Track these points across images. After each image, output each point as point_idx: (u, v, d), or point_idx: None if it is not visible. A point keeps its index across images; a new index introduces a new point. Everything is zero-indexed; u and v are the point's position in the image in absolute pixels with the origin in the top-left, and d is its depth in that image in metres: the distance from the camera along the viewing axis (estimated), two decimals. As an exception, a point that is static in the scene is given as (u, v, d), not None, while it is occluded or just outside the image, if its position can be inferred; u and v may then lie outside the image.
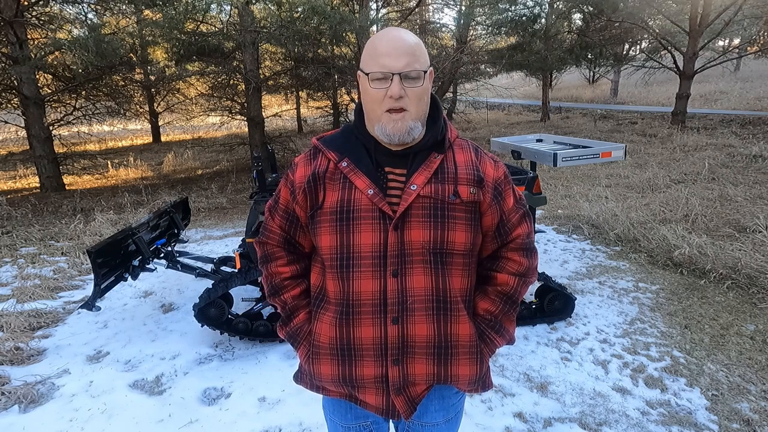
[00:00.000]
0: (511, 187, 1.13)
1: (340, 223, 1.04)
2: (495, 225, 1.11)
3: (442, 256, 1.04)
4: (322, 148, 1.10)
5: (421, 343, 1.06)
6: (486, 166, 1.10)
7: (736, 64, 24.03)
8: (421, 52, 1.01)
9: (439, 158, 1.06)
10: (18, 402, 2.40)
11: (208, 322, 2.83)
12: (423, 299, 1.05)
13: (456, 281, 1.07)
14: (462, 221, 1.04)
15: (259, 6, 8.61)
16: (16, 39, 7.13)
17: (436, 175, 1.04)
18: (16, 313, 3.33)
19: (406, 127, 1.00)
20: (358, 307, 1.05)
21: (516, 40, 15.24)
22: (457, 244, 1.04)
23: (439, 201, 1.03)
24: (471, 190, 1.05)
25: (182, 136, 17.43)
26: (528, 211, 1.16)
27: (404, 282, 1.03)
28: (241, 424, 2.22)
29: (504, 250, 1.14)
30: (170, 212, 3.48)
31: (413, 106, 1.00)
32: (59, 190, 8.12)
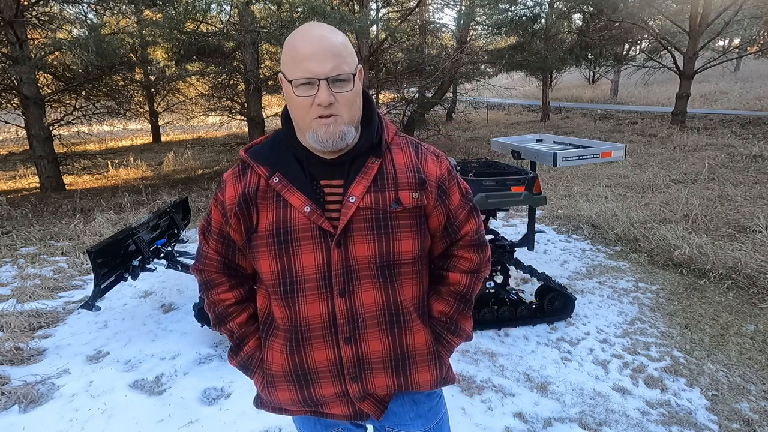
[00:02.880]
0: (455, 182, 1.07)
1: (279, 246, 0.96)
2: (442, 225, 1.06)
3: (390, 269, 0.99)
4: (251, 163, 1.01)
5: (377, 359, 1.02)
6: (428, 165, 1.03)
7: (736, 64, 24.04)
8: (348, 51, 0.93)
9: (377, 163, 0.98)
10: (18, 402, 2.40)
11: (208, 322, 2.83)
12: (374, 315, 1.00)
13: (407, 291, 1.03)
14: (407, 229, 0.99)
15: (259, 6, 8.62)
16: (16, 39, 7.12)
17: (375, 182, 0.97)
18: (16, 313, 3.33)
19: (339, 131, 0.92)
20: (308, 332, 0.99)
21: (516, 40, 15.25)
22: (404, 254, 0.99)
23: (380, 211, 0.96)
24: (413, 195, 0.98)
25: (182, 136, 17.43)
26: (475, 205, 1.11)
27: (353, 300, 0.98)
28: (241, 424, 2.22)
29: (454, 248, 1.10)
30: (170, 212, 3.48)
31: (345, 111, 0.92)
32: (59, 190, 8.12)
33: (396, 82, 10.09)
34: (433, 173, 1.03)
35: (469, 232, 1.09)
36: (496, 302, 3.13)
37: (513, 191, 3.04)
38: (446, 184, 1.04)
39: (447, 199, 1.05)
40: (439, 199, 1.03)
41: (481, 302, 3.10)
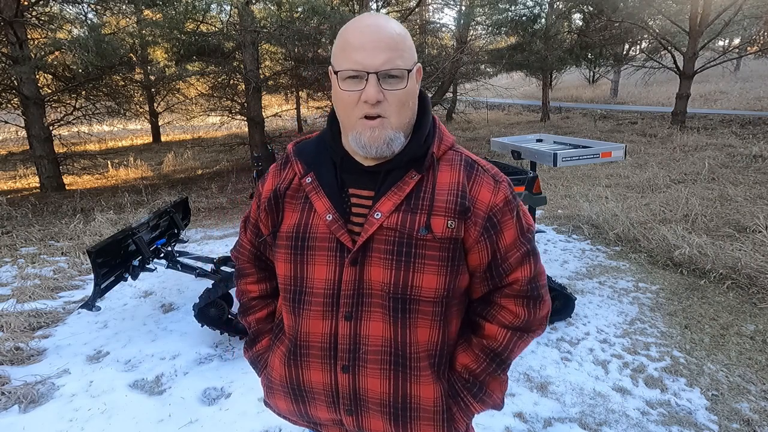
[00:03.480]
0: (514, 216, 0.89)
1: (295, 251, 0.89)
2: (485, 264, 0.90)
3: (405, 303, 0.85)
4: (292, 158, 0.95)
5: (374, 399, 0.90)
6: (479, 190, 0.87)
7: (736, 64, 24.04)
8: (406, 45, 0.82)
9: (416, 179, 0.86)
10: (18, 402, 2.40)
11: (208, 322, 2.83)
12: (378, 350, 0.88)
13: (421, 334, 0.88)
14: (434, 262, 0.85)
15: (259, 6, 8.62)
16: (16, 39, 7.12)
17: (408, 200, 0.85)
18: (16, 313, 3.33)
19: (385, 137, 0.82)
20: (306, 348, 0.92)
21: (516, 40, 15.25)
22: (424, 290, 0.85)
23: (405, 235, 0.84)
24: (448, 224, 0.84)
25: (182, 136, 17.43)
26: (534, 248, 0.92)
27: (358, 327, 0.88)
28: (241, 424, 2.22)
29: (497, 295, 0.93)
30: (170, 212, 3.48)
31: (394, 113, 0.82)
32: (59, 190, 8.12)
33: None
34: (484, 201, 0.87)
35: (520, 280, 0.90)
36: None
37: (513, 191, 3.04)
38: (499, 217, 0.88)
39: (497, 235, 0.88)
40: (485, 234, 0.87)
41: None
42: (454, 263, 0.86)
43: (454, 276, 0.87)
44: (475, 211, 0.87)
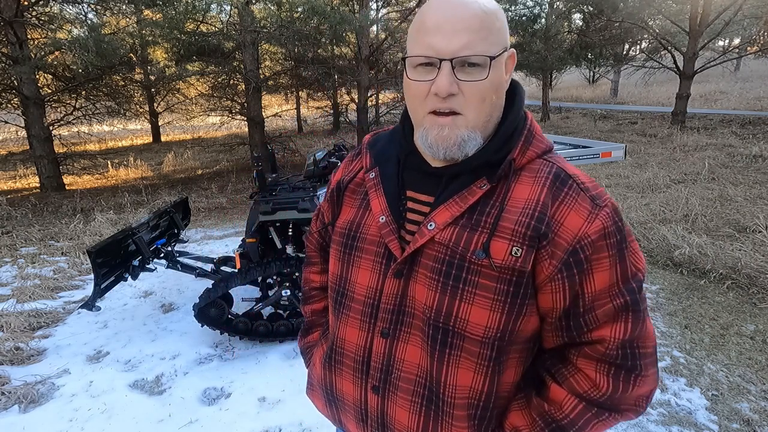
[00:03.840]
0: (612, 254, 0.69)
1: (345, 249, 0.82)
2: (560, 311, 0.71)
3: (446, 335, 0.72)
4: (364, 149, 0.87)
5: (400, 430, 0.80)
6: (568, 213, 0.68)
7: (736, 64, 24.04)
8: (494, 26, 0.67)
9: (484, 189, 0.71)
10: (18, 402, 2.40)
11: (208, 322, 2.83)
12: (411, 380, 0.76)
13: (463, 376, 0.73)
14: (486, 293, 0.69)
15: (259, 6, 8.62)
16: (16, 39, 7.12)
17: (470, 214, 0.71)
18: (16, 313, 3.33)
19: (456, 138, 0.69)
20: (341, 356, 0.84)
21: (516, 40, 15.24)
22: (471, 325, 0.70)
23: (457, 255, 0.70)
24: (513, 250, 0.68)
25: (182, 136, 17.43)
26: (638, 301, 0.70)
27: (394, 348, 0.77)
28: (241, 424, 2.22)
29: (574, 351, 0.72)
30: (170, 212, 3.48)
31: (471, 109, 0.68)
32: (59, 190, 8.12)
33: (396, 82, 10.08)
34: (570, 228, 0.68)
35: (607, 341, 0.69)
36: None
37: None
38: (589, 252, 0.68)
39: (582, 276, 0.69)
40: (564, 271, 0.68)
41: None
42: (515, 300, 0.69)
43: (513, 316, 0.70)
44: (554, 240, 0.68)
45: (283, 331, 2.92)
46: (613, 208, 0.71)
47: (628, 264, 0.70)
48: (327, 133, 14.81)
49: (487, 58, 0.66)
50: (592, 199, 0.70)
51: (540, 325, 0.74)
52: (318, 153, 3.23)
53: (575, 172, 0.73)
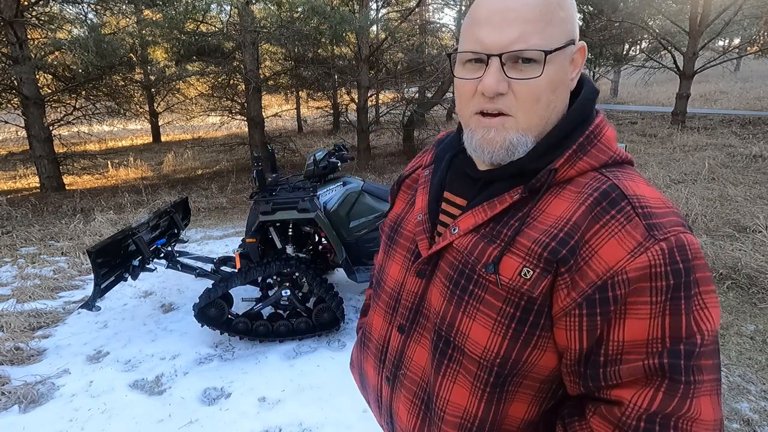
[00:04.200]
0: (658, 301, 0.55)
1: (388, 241, 0.83)
2: (576, 353, 0.60)
3: (447, 346, 0.68)
4: (431, 147, 0.86)
5: (400, 427, 0.78)
6: (606, 241, 0.57)
7: (736, 64, 24.04)
8: (554, 16, 0.59)
9: (515, 199, 0.64)
10: (18, 402, 2.40)
11: (208, 322, 2.83)
12: (415, 381, 0.74)
13: (457, 393, 0.68)
14: (489, 312, 0.63)
15: (259, 6, 8.62)
16: (16, 39, 7.12)
17: (495, 223, 0.65)
18: (16, 313, 3.33)
19: (504, 140, 0.63)
20: (368, 340, 0.85)
21: (516, 40, 15.23)
22: (469, 342, 0.65)
23: (469, 265, 0.66)
24: (523, 271, 0.60)
25: (182, 136, 17.42)
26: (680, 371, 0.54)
27: (406, 346, 0.75)
28: (241, 424, 2.22)
29: (591, 407, 0.61)
30: (170, 212, 3.48)
31: (522, 110, 0.62)
32: (59, 190, 8.12)
33: (396, 82, 10.08)
34: (607, 259, 0.56)
35: (626, 406, 0.56)
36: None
37: (513, 191, 3.04)
38: (622, 291, 0.55)
39: (610, 319, 0.57)
40: (585, 308, 0.57)
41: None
42: (521, 327, 0.61)
43: (519, 345, 0.62)
44: (581, 269, 0.57)
45: (283, 331, 2.92)
46: (677, 244, 0.55)
47: (686, 319, 0.55)
48: (327, 133, 14.81)
49: (542, 53, 0.58)
50: (648, 228, 0.56)
51: (552, 362, 0.64)
52: (318, 153, 3.23)
53: (641, 192, 0.59)
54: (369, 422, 2.21)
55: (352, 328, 3.10)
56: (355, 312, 3.33)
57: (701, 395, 0.55)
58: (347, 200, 3.12)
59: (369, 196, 3.19)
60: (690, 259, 0.55)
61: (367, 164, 9.17)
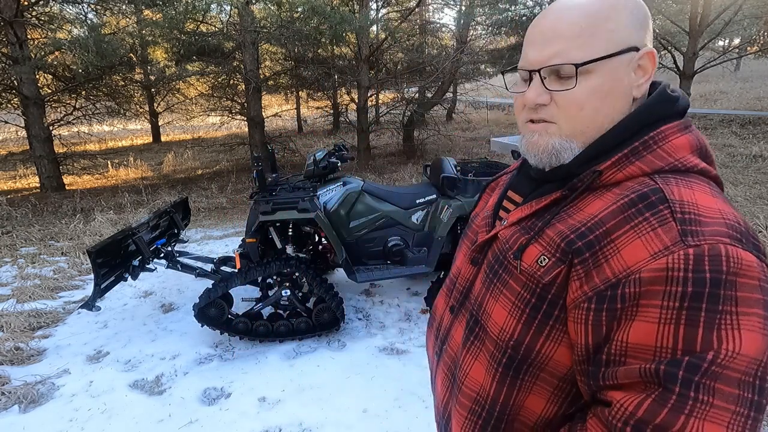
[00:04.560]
0: (670, 306, 0.52)
1: (462, 234, 0.91)
2: (582, 348, 0.60)
3: (475, 324, 0.74)
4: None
5: (438, 395, 0.85)
6: (632, 241, 0.56)
7: (736, 64, 24.03)
8: (598, 29, 0.62)
9: (555, 195, 0.67)
10: (18, 402, 2.40)
11: (208, 322, 2.83)
12: (451, 357, 0.80)
13: (476, 370, 0.73)
14: (510, 295, 0.68)
15: (259, 6, 8.62)
16: (16, 39, 7.12)
17: (535, 217, 0.69)
18: (16, 313, 3.33)
19: (547, 144, 0.67)
20: (432, 320, 0.93)
21: (516, 40, 15.24)
22: (491, 322, 0.70)
23: (503, 253, 0.72)
24: (540, 259, 0.64)
25: (182, 136, 17.42)
26: (677, 381, 0.51)
27: (452, 324, 0.81)
28: (241, 424, 2.22)
29: (593, 408, 0.60)
30: (170, 212, 3.48)
31: (565, 118, 0.66)
32: (59, 190, 8.12)
33: (396, 82, 10.08)
34: (628, 259, 0.56)
35: (614, 405, 0.55)
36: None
37: (513, 191, 3.04)
38: (634, 290, 0.54)
39: (618, 317, 0.56)
40: (594, 303, 0.57)
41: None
42: (534, 314, 0.64)
43: (532, 331, 0.64)
44: (599, 264, 0.58)
45: (283, 331, 2.92)
46: (710, 252, 0.52)
47: (704, 334, 0.51)
48: (327, 133, 14.81)
49: (572, 66, 0.62)
50: (682, 233, 0.53)
51: (565, 354, 0.64)
52: (318, 153, 3.23)
53: (691, 199, 0.57)
54: (369, 422, 2.21)
55: (352, 328, 3.11)
56: (355, 312, 3.33)
57: (707, 419, 0.50)
58: (347, 200, 3.12)
59: (369, 196, 3.19)
60: (725, 271, 0.51)
61: (367, 164, 9.17)
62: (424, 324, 3.12)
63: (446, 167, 3.15)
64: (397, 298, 3.52)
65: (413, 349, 2.83)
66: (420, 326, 3.11)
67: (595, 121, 0.66)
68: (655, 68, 0.66)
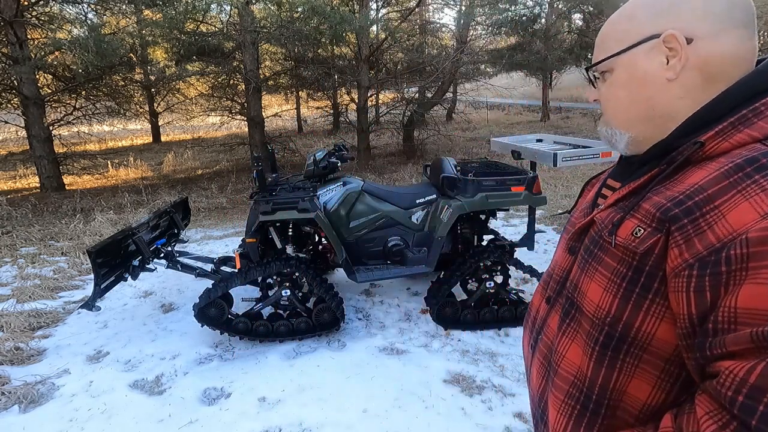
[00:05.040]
0: None
1: (563, 229, 0.89)
2: (685, 319, 0.56)
3: (571, 306, 0.73)
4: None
5: (533, 387, 0.84)
6: (737, 205, 0.53)
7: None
8: (616, 29, 0.71)
9: (653, 172, 0.65)
10: (18, 402, 2.40)
11: (208, 322, 2.83)
12: (547, 346, 0.79)
13: (573, 352, 0.71)
14: (605, 271, 0.66)
15: (259, 6, 8.62)
16: (16, 39, 7.12)
17: (633, 195, 0.68)
18: (16, 313, 3.33)
19: (603, 132, 0.78)
20: (528, 314, 0.91)
21: (516, 40, 15.25)
22: (586, 300, 0.69)
23: (598, 233, 0.70)
24: (635, 230, 0.62)
25: (182, 136, 17.43)
26: None
27: (548, 315, 0.80)
28: (241, 424, 2.22)
29: (701, 384, 0.56)
30: (170, 212, 3.48)
31: (606, 109, 0.76)
32: (59, 190, 8.12)
33: (396, 82, 10.08)
34: (733, 223, 0.52)
35: (724, 375, 0.50)
36: (496, 302, 3.13)
37: (513, 191, 3.04)
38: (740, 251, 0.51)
39: (723, 282, 0.52)
40: (696, 269, 0.54)
41: (481, 302, 3.10)
42: (631, 288, 0.62)
43: (630, 306, 0.62)
44: (702, 230, 0.55)
45: (283, 331, 2.92)
46: None
47: None
48: (327, 133, 14.82)
49: (603, 60, 0.73)
50: None
51: (665, 330, 0.60)
52: (318, 153, 3.23)
53: None
54: (369, 422, 2.21)
55: (352, 328, 3.11)
56: (355, 312, 3.33)
57: None
58: (347, 200, 3.12)
59: (369, 196, 3.19)
60: None
61: (367, 164, 9.17)
62: (424, 324, 3.13)
63: (446, 167, 3.15)
64: (397, 298, 3.52)
65: (413, 349, 2.83)
66: (420, 326, 3.11)
67: (630, 110, 0.71)
68: (687, 42, 0.64)
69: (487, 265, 3.11)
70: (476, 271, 3.12)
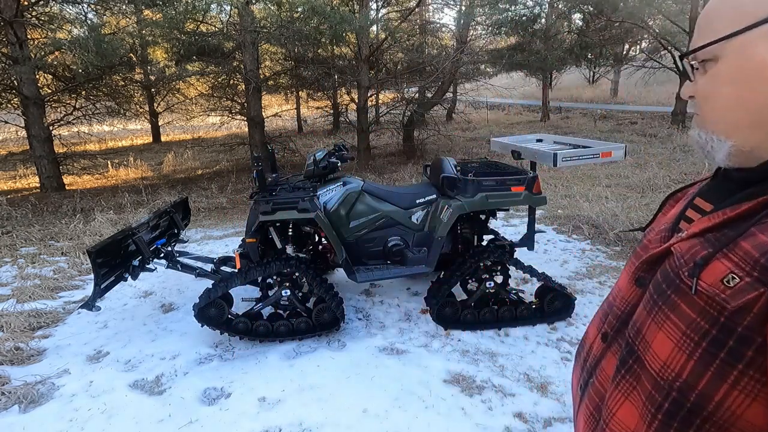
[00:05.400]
0: None
1: (632, 251, 0.75)
2: None
3: (630, 355, 0.60)
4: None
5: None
6: None
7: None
8: (719, 11, 0.56)
9: (760, 199, 0.52)
10: (18, 402, 2.40)
11: (208, 322, 2.83)
12: (598, 392, 0.67)
13: (626, 410, 0.60)
14: (679, 322, 0.53)
15: (259, 6, 8.62)
16: (16, 39, 7.12)
17: (728, 227, 0.53)
18: (16, 313, 3.33)
19: (695, 139, 0.61)
20: (581, 347, 0.78)
21: (516, 40, 15.26)
22: (650, 352, 0.56)
23: (674, 270, 0.56)
24: (728, 278, 0.48)
25: (182, 136, 17.42)
26: None
27: (604, 355, 0.67)
28: (241, 424, 2.22)
29: None
30: (170, 212, 3.48)
31: (701, 110, 0.59)
32: (59, 190, 8.12)
33: (396, 82, 10.08)
34: None
35: None
36: (496, 302, 3.13)
37: (513, 191, 3.05)
38: None
39: None
40: None
41: (481, 302, 3.10)
42: (715, 352, 0.49)
43: (707, 370, 0.49)
44: None
45: (283, 331, 2.92)
46: None
47: None
48: (327, 133, 14.81)
49: (708, 46, 0.55)
50: None
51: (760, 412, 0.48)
52: (318, 153, 3.23)
53: None
54: (369, 422, 2.21)
55: (352, 328, 3.11)
56: (355, 312, 3.33)
57: None
58: (347, 200, 3.12)
59: (369, 196, 3.19)
60: None
61: (367, 164, 9.17)
62: (424, 324, 3.13)
63: (446, 167, 3.15)
64: (397, 298, 3.52)
65: (413, 349, 2.83)
66: (420, 326, 3.11)
67: (737, 111, 0.54)
68: None
69: (487, 265, 3.11)
70: (476, 271, 3.12)
